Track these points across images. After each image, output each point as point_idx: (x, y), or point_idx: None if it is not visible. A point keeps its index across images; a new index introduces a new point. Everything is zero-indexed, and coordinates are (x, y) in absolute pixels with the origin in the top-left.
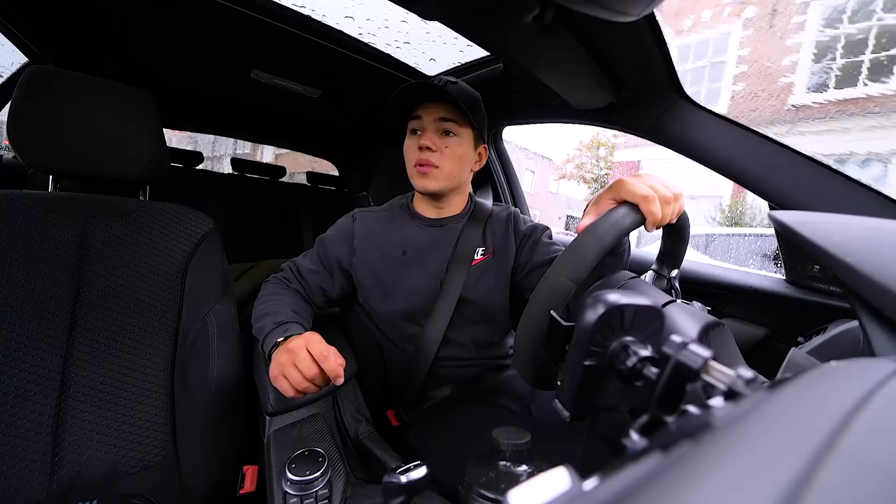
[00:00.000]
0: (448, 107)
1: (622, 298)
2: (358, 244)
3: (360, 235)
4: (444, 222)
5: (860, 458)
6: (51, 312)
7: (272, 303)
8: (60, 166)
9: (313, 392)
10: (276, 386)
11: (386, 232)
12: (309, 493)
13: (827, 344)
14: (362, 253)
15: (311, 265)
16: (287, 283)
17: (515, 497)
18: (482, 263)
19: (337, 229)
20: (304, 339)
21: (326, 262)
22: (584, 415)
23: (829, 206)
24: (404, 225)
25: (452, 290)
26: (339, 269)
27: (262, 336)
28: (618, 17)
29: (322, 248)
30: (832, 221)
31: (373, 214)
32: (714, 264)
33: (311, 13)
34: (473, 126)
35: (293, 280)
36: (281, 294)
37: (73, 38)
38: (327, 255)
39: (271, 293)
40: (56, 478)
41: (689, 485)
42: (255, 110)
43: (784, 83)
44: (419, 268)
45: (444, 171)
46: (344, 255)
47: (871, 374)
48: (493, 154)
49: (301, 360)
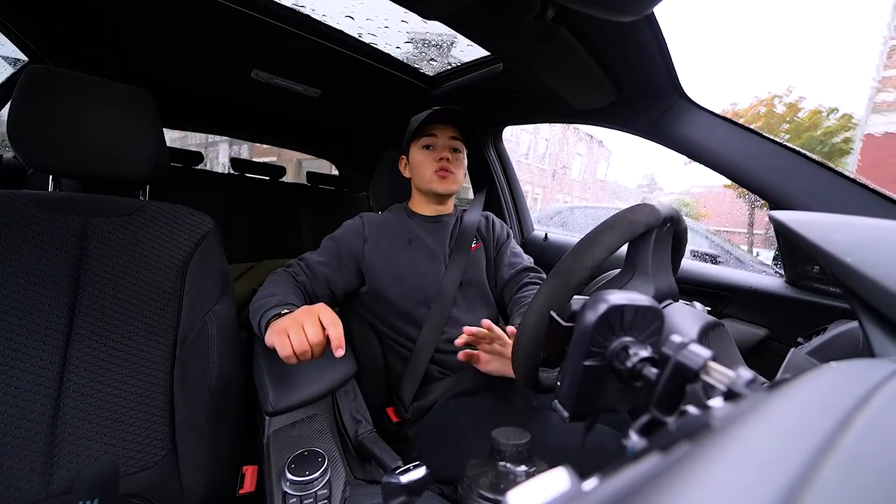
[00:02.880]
0: (455, 129)
1: (622, 299)
2: (369, 235)
3: (369, 228)
4: (440, 219)
5: (860, 459)
6: (50, 312)
7: (279, 287)
8: (60, 166)
9: (307, 360)
10: (274, 344)
11: (391, 225)
12: (308, 493)
13: (827, 344)
14: (373, 240)
15: (319, 257)
16: (294, 276)
17: (515, 497)
18: (478, 250)
19: (346, 227)
20: (317, 307)
21: (337, 254)
22: (584, 415)
23: (829, 206)
24: (405, 221)
25: (456, 272)
26: (351, 260)
27: (264, 310)
28: (618, 16)
29: (333, 242)
30: (832, 221)
31: (377, 215)
32: (714, 266)
33: (311, 13)
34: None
35: (300, 272)
36: (288, 284)
37: (73, 38)
38: (339, 247)
39: (278, 282)
40: (55, 478)
41: (689, 485)
42: (255, 110)
43: None
44: (425, 252)
45: (457, 177)
46: (357, 244)
47: (871, 375)
48: (494, 154)
49: (310, 324)
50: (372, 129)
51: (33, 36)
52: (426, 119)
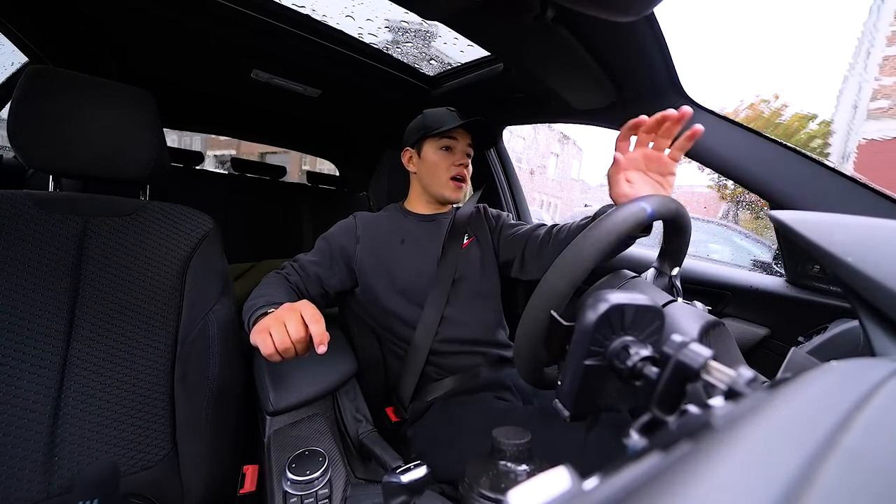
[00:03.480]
0: (470, 136)
1: (622, 298)
2: (361, 234)
3: (361, 228)
4: (435, 217)
5: (860, 458)
6: (50, 312)
7: (269, 288)
8: (60, 166)
9: (291, 357)
10: (256, 342)
11: (384, 225)
12: (309, 492)
13: (827, 344)
14: (365, 240)
15: (312, 257)
16: (287, 277)
17: (516, 497)
18: (469, 246)
19: (339, 226)
20: (300, 304)
21: (329, 253)
22: (584, 415)
23: (829, 206)
24: (400, 220)
25: (447, 270)
26: (342, 259)
27: (252, 311)
28: (618, 16)
29: (324, 242)
30: (832, 221)
31: (371, 215)
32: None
33: (312, 13)
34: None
35: (292, 273)
36: (278, 285)
37: (73, 38)
38: (330, 246)
39: (269, 283)
40: (55, 478)
41: (690, 484)
42: (255, 110)
43: None
44: (417, 251)
45: (467, 184)
46: (348, 244)
47: (871, 374)
48: (494, 154)
49: (291, 321)
50: (372, 129)
51: (33, 36)
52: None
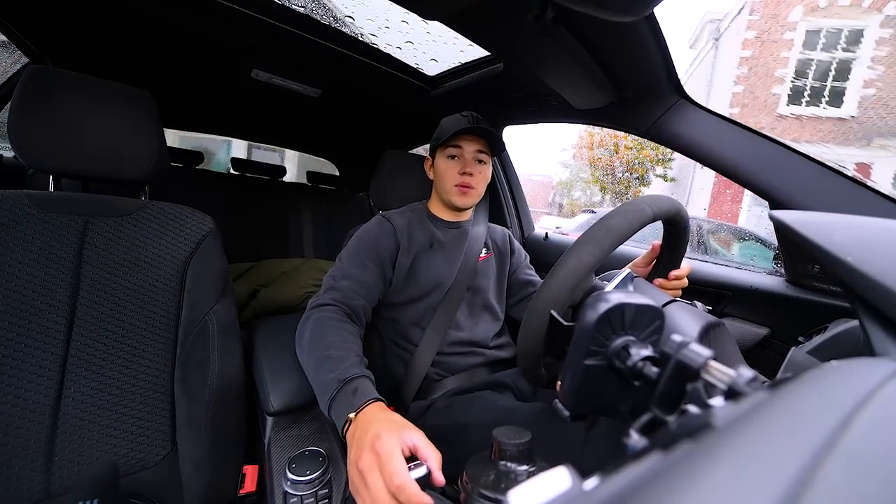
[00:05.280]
0: (483, 142)
1: (623, 298)
2: (400, 237)
3: (399, 229)
4: (459, 224)
5: (860, 458)
6: (50, 312)
7: (336, 350)
8: (60, 166)
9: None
10: (354, 483)
11: (415, 227)
12: (309, 492)
13: (827, 344)
14: (405, 244)
15: (354, 269)
16: (340, 308)
17: (516, 497)
18: (487, 260)
19: (374, 230)
20: (397, 437)
21: (374, 259)
22: (584, 414)
23: (829, 206)
24: (427, 225)
25: (464, 279)
26: (389, 263)
27: (328, 398)
28: (618, 16)
29: (362, 250)
30: (832, 221)
31: (398, 214)
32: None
33: (311, 13)
34: (491, 155)
35: (353, 296)
36: (344, 345)
37: (73, 38)
38: (376, 250)
39: (323, 325)
40: (55, 478)
41: (690, 484)
42: (255, 110)
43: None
44: (442, 258)
45: (477, 191)
46: (392, 247)
47: (871, 374)
48: (495, 158)
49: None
50: (372, 129)
51: (33, 36)
52: (454, 132)
